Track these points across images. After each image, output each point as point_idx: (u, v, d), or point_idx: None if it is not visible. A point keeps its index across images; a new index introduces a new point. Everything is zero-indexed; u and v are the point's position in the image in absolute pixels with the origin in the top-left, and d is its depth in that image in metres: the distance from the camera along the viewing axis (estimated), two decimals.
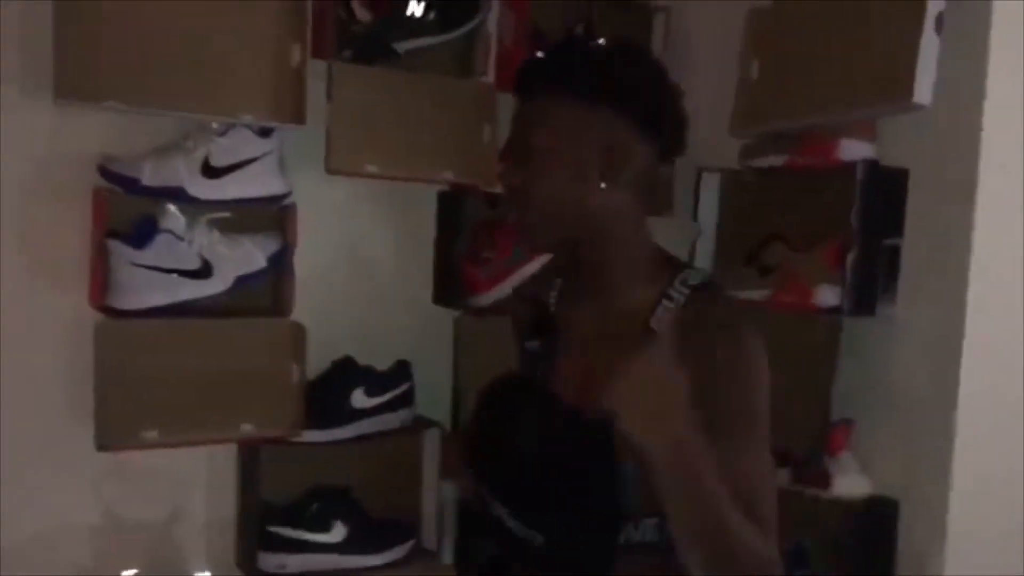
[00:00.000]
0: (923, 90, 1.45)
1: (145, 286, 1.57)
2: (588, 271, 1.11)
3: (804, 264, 1.70)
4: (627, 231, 1.08)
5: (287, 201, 1.71)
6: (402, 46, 1.78)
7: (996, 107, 1.51)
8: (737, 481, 0.95)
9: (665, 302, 1.04)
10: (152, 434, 1.58)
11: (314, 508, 1.78)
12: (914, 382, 1.61)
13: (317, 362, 1.77)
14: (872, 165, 1.61)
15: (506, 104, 1.86)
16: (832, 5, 1.63)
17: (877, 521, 1.61)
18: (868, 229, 1.60)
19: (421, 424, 1.89)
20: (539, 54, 1.12)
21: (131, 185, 1.57)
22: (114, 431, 1.55)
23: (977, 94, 1.51)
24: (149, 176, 1.57)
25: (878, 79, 1.51)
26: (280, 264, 1.71)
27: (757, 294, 1.78)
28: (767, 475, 1.02)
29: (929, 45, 1.43)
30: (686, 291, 1.05)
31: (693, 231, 1.95)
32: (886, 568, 1.60)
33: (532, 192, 1.05)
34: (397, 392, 1.84)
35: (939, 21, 1.44)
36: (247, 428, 1.67)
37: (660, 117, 1.06)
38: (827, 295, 1.63)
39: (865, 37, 1.55)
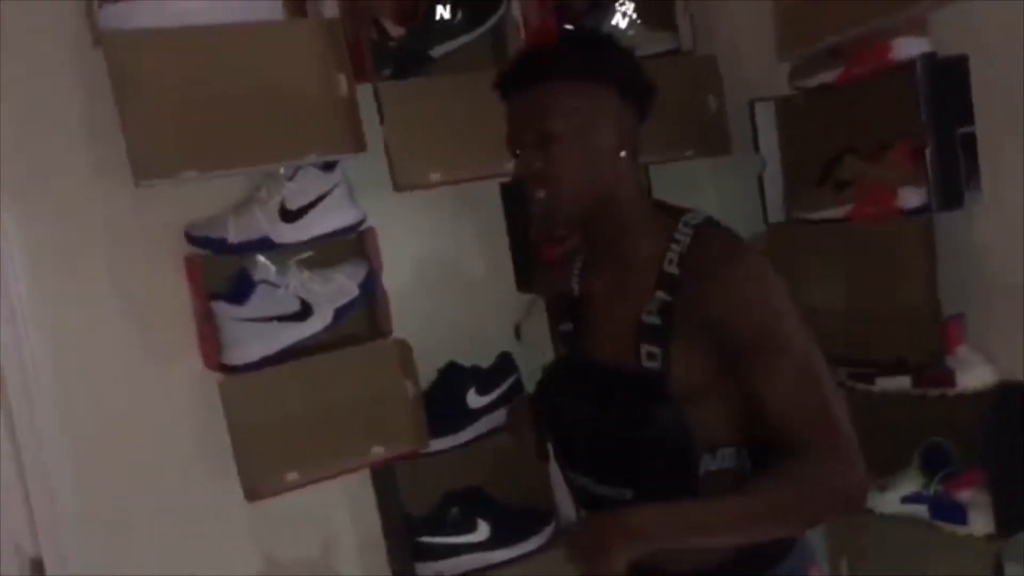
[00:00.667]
0: None
1: (253, 338, 1.62)
2: (606, 238, 1.18)
3: (881, 171, 1.70)
4: (634, 192, 1.17)
5: (364, 227, 1.75)
6: (437, 51, 1.80)
7: None
8: (775, 404, 1.06)
9: (673, 246, 1.12)
10: (293, 475, 1.64)
11: (455, 512, 1.83)
12: (1017, 262, 1.59)
13: (426, 374, 1.81)
14: (930, 58, 1.60)
15: None
16: None
17: (1010, 406, 1.60)
18: (939, 122, 1.59)
19: None
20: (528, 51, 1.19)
21: (219, 245, 1.62)
22: (258, 479, 1.62)
23: None
24: (234, 233, 1.62)
25: None
26: (371, 288, 1.75)
27: (838, 211, 1.78)
28: (814, 387, 1.07)
29: None
30: (689, 231, 1.13)
31: (757, 165, 1.94)
32: None
33: (559, 173, 1.11)
34: (506, 385, 1.87)
35: None
36: (378, 450, 1.72)
37: (641, 88, 1.16)
38: (911, 197, 1.63)
39: None
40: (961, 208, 1.62)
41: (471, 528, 1.82)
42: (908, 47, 1.60)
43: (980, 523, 1.61)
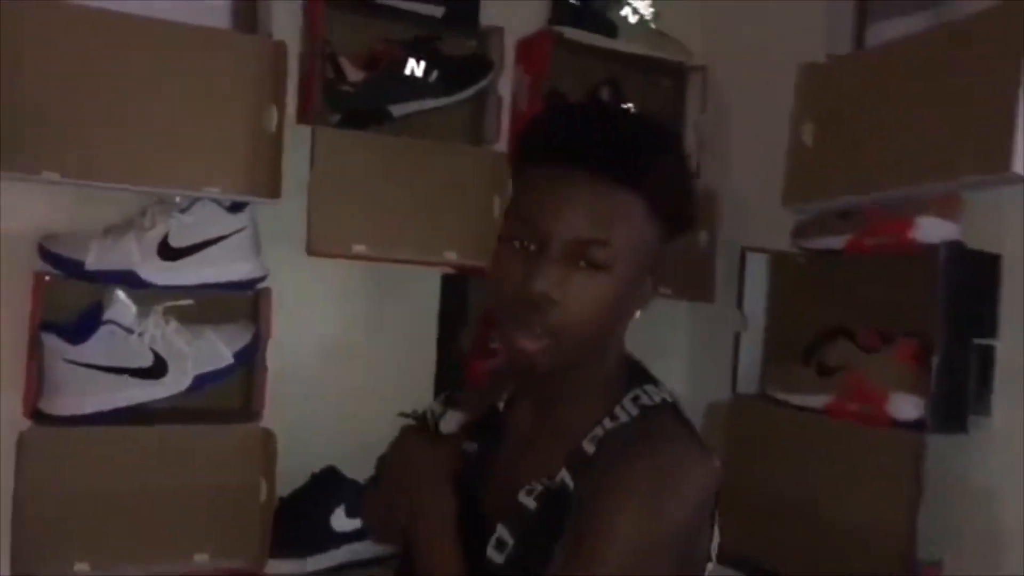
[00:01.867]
0: (1022, 159, 1.18)
1: (83, 387, 1.32)
2: (553, 382, 0.88)
3: (875, 367, 1.41)
4: (620, 346, 0.90)
5: (261, 286, 1.47)
6: (399, 109, 1.55)
7: None
8: None
9: (606, 421, 0.85)
10: (83, 567, 1.31)
11: None
12: (1019, 511, 1.29)
13: (291, 476, 1.50)
14: (957, 248, 1.34)
15: None
16: (898, 61, 1.38)
17: None
18: (955, 326, 1.32)
19: None
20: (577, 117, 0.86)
21: (73, 268, 1.34)
22: (36, 563, 1.29)
23: None
24: (95, 258, 1.34)
25: (962, 148, 1.25)
26: (249, 359, 1.46)
27: (815, 400, 1.50)
28: None
29: None
30: (634, 410, 0.85)
31: (737, 322, 1.67)
32: None
33: (591, 308, 0.80)
34: None
35: None
36: (202, 559, 1.39)
37: (686, 212, 0.87)
38: (905, 406, 1.34)
39: (945, 97, 1.29)
40: (964, 434, 1.33)
41: None
42: (934, 229, 1.35)
43: None
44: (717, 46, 1.87)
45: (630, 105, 1.75)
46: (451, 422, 0.99)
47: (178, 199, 1.40)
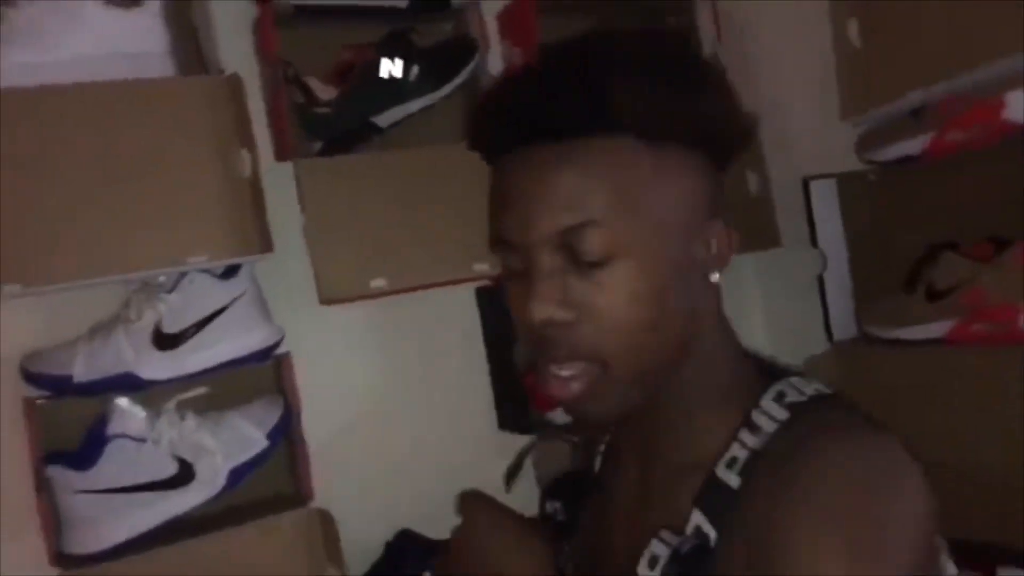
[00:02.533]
0: None
1: (105, 516, 1.15)
2: (646, 406, 0.66)
3: (996, 278, 1.20)
4: (716, 334, 0.68)
5: (278, 352, 1.29)
6: (384, 119, 1.36)
7: None
8: None
9: (745, 435, 0.62)
10: None
11: None
12: None
13: (363, 556, 1.32)
14: None
15: None
16: None
17: None
18: None
19: None
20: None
21: (62, 385, 1.16)
22: None
23: None
24: (84, 368, 1.16)
25: None
26: (284, 436, 1.28)
27: (932, 329, 1.28)
28: None
29: None
30: (784, 414, 0.62)
31: (816, 263, 1.46)
32: None
33: (617, 303, 0.60)
34: None
35: None
36: None
37: (705, 110, 0.63)
38: None
39: None
40: None
41: None
42: None
43: None
44: None
45: None
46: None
47: (161, 279, 1.22)
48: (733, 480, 0.61)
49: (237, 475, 1.23)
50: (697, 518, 0.62)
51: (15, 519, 1.22)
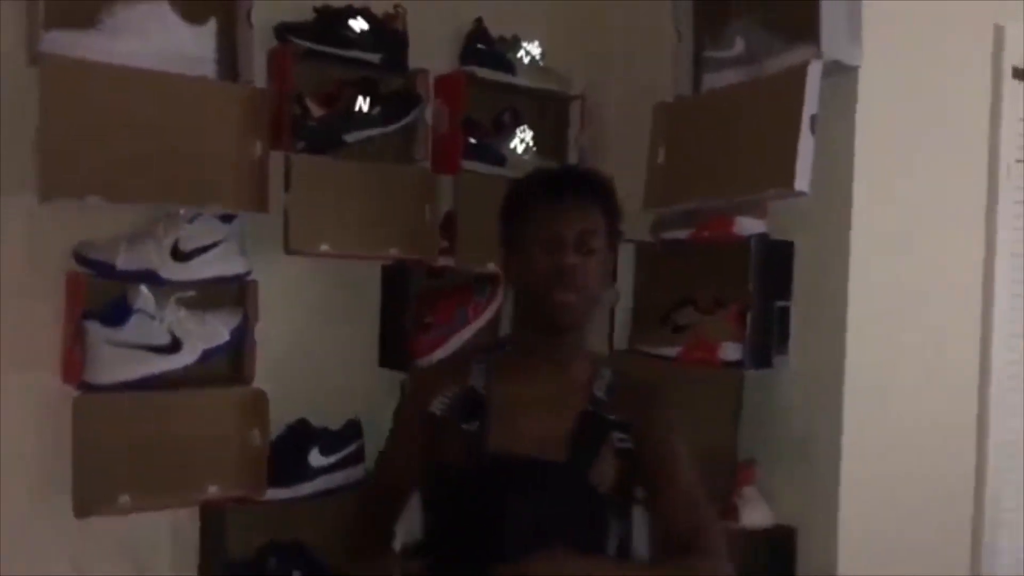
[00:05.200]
0: (802, 179, 1.72)
1: (120, 362, 1.70)
2: (556, 345, 1.34)
3: (711, 324, 1.95)
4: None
5: (248, 279, 1.87)
6: (351, 137, 1.98)
7: (862, 187, 1.81)
8: (696, 507, 1.32)
9: (600, 375, 1.34)
10: (125, 499, 1.70)
11: (272, 562, 1.92)
12: (806, 422, 1.87)
13: (278, 425, 1.91)
14: (763, 239, 1.88)
15: (444, 186, 2.10)
16: (724, 105, 1.92)
17: (778, 546, 1.85)
18: (763, 293, 1.86)
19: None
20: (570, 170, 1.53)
21: (106, 270, 1.71)
22: (91, 498, 1.67)
23: (846, 177, 1.81)
24: (124, 261, 1.71)
25: (765, 169, 1.78)
26: (242, 337, 1.86)
27: (670, 351, 2.01)
28: (702, 500, 1.34)
29: (806, 142, 1.71)
30: (609, 367, 1.37)
31: (613, 296, 2.18)
32: None
33: (593, 276, 1.31)
34: (349, 450, 2.00)
35: (813, 122, 1.71)
36: (213, 489, 1.81)
37: (619, 222, 1.40)
38: (731, 351, 1.88)
39: (752, 132, 1.83)
40: (770, 368, 1.89)
41: None
42: (748, 226, 1.88)
43: None
44: (594, 82, 2.36)
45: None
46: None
47: (182, 212, 1.78)
48: (602, 395, 1.32)
49: (207, 355, 1.81)
50: (591, 409, 1.32)
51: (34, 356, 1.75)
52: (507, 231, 1.36)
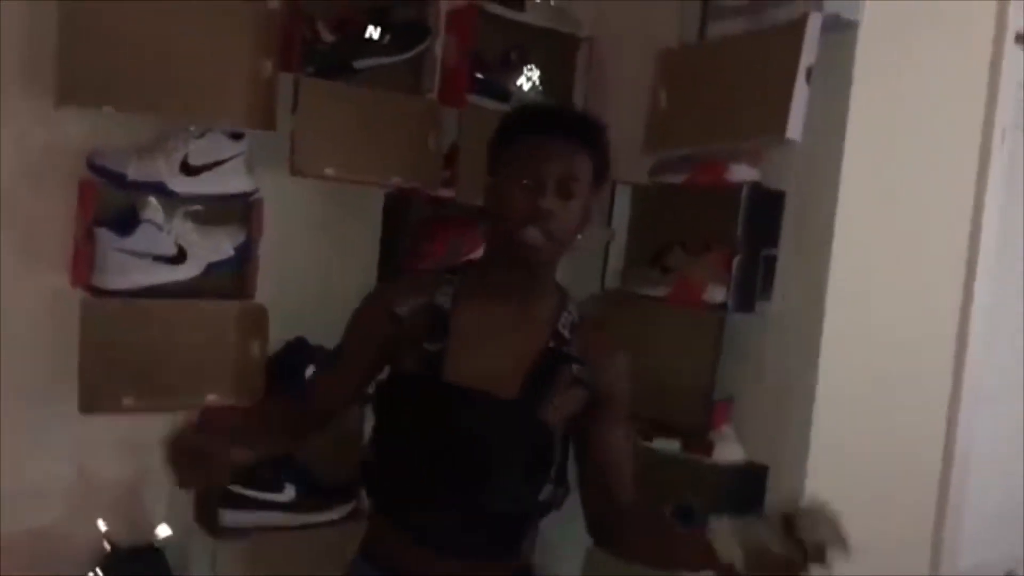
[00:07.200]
0: (795, 128, 1.77)
1: (128, 269, 1.77)
2: (529, 279, 1.34)
3: (698, 267, 2.01)
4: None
5: (254, 197, 1.93)
6: (360, 64, 2.02)
7: (854, 143, 1.86)
8: (623, 452, 1.39)
9: (565, 314, 1.36)
10: (128, 400, 1.79)
11: (266, 472, 2.01)
12: (783, 367, 1.94)
13: (276, 342, 1.99)
14: (755, 186, 1.93)
15: (450, 118, 2.14)
16: (726, 53, 1.95)
17: (750, 483, 1.93)
18: (751, 240, 1.92)
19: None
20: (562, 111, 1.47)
21: (117, 179, 1.77)
22: (95, 396, 1.75)
23: (839, 132, 1.85)
24: (134, 172, 1.77)
25: (760, 117, 1.83)
26: (245, 253, 1.93)
27: (658, 291, 2.08)
28: (632, 448, 1.43)
29: (800, 92, 1.75)
30: (575, 309, 1.39)
31: (608, 235, 2.24)
32: None
33: (569, 220, 1.29)
34: None
35: (809, 73, 1.75)
36: (212, 398, 1.89)
37: (607, 169, 1.38)
38: (716, 294, 1.94)
39: (751, 81, 1.87)
40: (752, 313, 1.95)
41: (278, 488, 1.99)
42: (741, 172, 1.94)
43: None
44: (602, 27, 2.39)
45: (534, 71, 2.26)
46: None
47: (192, 128, 1.84)
48: (567, 334, 1.34)
49: (211, 268, 1.88)
50: (553, 346, 1.33)
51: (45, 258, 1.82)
52: (493, 160, 1.34)
